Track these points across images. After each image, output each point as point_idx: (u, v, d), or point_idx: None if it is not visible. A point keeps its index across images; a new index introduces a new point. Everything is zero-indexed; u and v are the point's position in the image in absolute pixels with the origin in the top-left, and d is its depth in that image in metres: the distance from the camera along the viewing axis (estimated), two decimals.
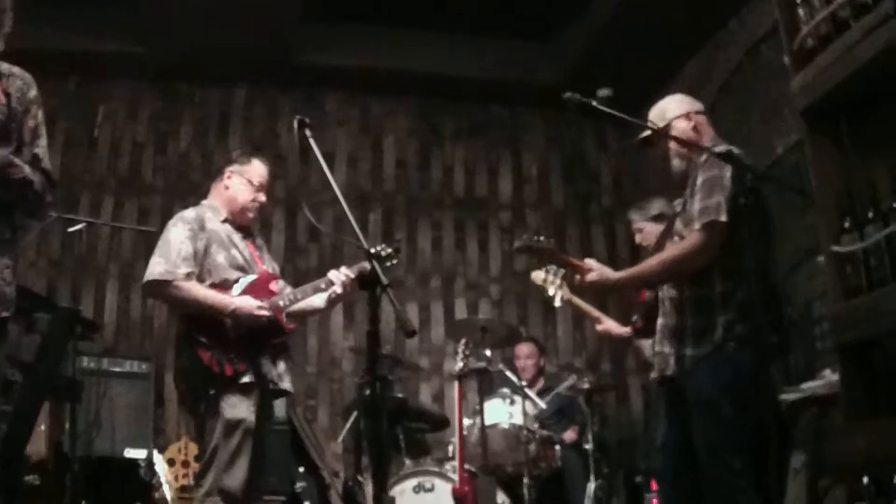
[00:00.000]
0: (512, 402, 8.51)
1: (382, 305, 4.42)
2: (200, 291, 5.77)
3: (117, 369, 9.02)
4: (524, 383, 8.86)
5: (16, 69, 4.40)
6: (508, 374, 8.87)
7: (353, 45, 11.04)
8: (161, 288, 5.80)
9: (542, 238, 5.77)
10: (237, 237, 6.09)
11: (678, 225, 5.35)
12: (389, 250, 6.06)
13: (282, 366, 5.94)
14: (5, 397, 6.62)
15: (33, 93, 4.41)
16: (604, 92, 5.07)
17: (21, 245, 4.48)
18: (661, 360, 5.27)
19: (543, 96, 10.55)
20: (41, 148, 4.38)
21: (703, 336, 4.99)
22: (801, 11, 5.59)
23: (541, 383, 9.67)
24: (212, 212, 6.11)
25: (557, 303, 6.78)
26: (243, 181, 6.15)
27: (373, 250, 5.47)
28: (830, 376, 6.29)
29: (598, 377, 10.65)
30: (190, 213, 6.06)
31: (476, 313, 11.01)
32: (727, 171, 4.96)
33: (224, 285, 5.86)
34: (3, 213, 4.20)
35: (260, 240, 6.47)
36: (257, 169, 6.23)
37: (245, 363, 5.69)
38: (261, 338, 5.81)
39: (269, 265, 6.25)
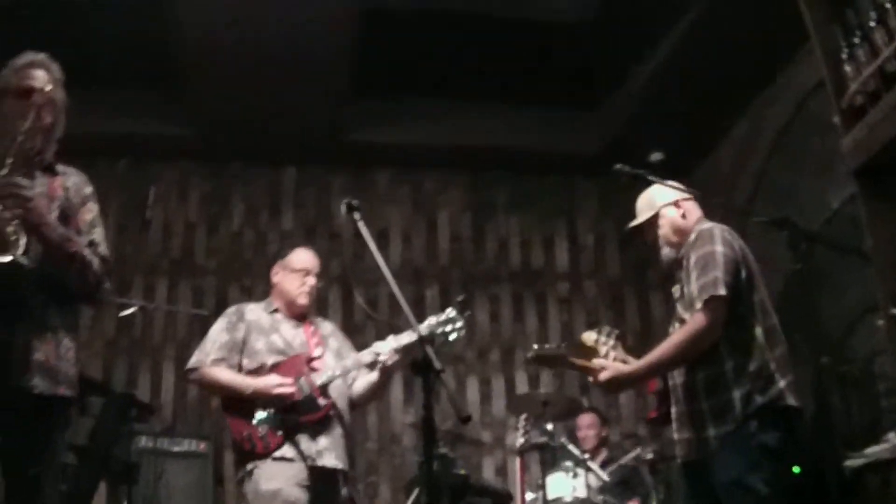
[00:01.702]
0: (575, 476, 8.34)
1: (438, 387, 4.36)
2: (224, 375, 6.01)
3: (175, 449, 9.01)
4: (587, 455, 8.71)
5: (71, 168, 4.51)
6: (571, 447, 8.73)
7: (401, 120, 11.06)
8: (191, 375, 6.20)
9: (551, 345, 5.84)
10: (287, 325, 6.27)
11: (679, 310, 5.31)
12: (451, 314, 5.86)
13: (322, 442, 5.86)
14: (60, 479, 6.54)
15: (89, 189, 4.51)
16: (656, 156, 5.09)
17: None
18: (682, 446, 5.18)
19: (592, 164, 10.65)
20: (98, 235, 4.42)
21: (722, 415, 4.91)
22: (847, 68, 5.48)
23: (603, 454, 9.50)
24: (261, 305, 6.39)
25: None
26: (287, 273, 6.37)
27: (426, 331, 5.54)
28: (895, 439, 6.14)
29: (663, 445, 10.47)
30: (232, 307, 6.41)
31: (537, 386, 10.89)
32: (718, 247, 5.00)
33: (261, 370, 6.00)
34: (66, 296, 4.23)
35: (327, 325, 6.62)
36: (298, 257, 6.45)
37: (279, 439, 5.76)
38: (297, 414, 5.84)
39: (331, 347, 6.31)
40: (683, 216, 5.40)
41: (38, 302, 4.04)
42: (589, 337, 6.51)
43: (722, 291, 4.85)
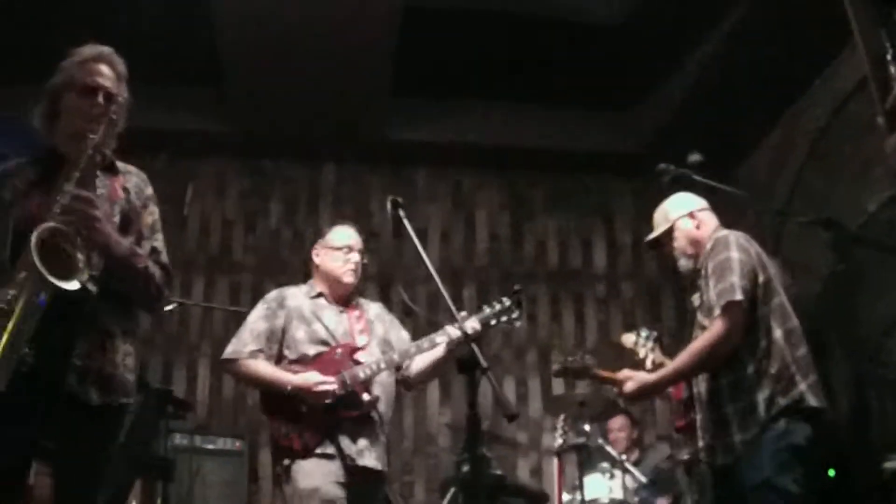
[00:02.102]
0: (612, 477, 8.39)
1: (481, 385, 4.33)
2: (262, 369, 5.82)
3: (210, 447, 9.02)
4: (623, 457, 8.68)
5: (131, 167, 4.48)
6: (608, 448, 8.72)
7: (440, 120, 11.05)
8: (228, 366, 6.06)
9: (576, 358, 5.81)
10: (330, 311, 6.02)
11: (699, 318, 5.33)
12: (507, 303, 5.77)
13: (363, 442, 5.68)
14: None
15: (150, 190, 4.47)
16: (694, 157, 5.08)
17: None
18: (708, 453, 5.22)
19: (630, 164, 10.69)
20: (159, 242, 4.39)
21: (747, 418, 4.93)
22: (892, 69, 5.43)
23: (635, 455, 9.49)
24: (303, 289, 6.12)
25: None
26: (328, 251, 6.13)
27: (484, 321, 5.56)
28: None
29: (699, 448, 10.41)
30: (273, 292, 6.16)
31: (573, 387, 10.81)
32: (734, 253, 5.06)
33: (302, 360, 5.81)
34: (126, 304, 4.21)
35: (374, 307, 6.32)
36: (338, 233, 6.21)
37: (319, 436, 5.60)
38: (337, 411, 5.66)
39: (376, 333, 6.08)
40: (698, 227, 5.51)
41: (97, 310, 3.98)
42: (628, 339, 6.52)
43: (739, 296, 4.91)
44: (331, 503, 5.47)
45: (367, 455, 5.67)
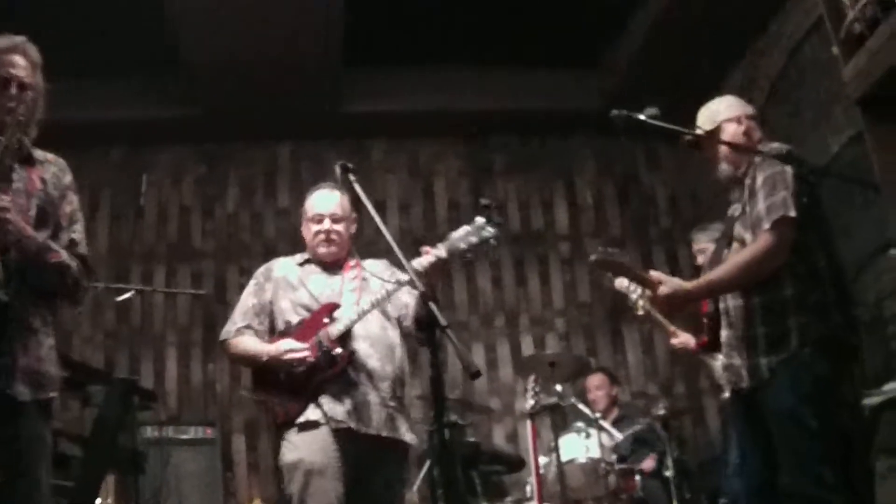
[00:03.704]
0: (587, 436, 8.34)
1: (445, 348, 4.25)
2: (243, 344, 5.61)
3: (182, 437, 8.94)
4: (598, 415, 8.65)
5: (50, 156, 4.39)
6: (581, 407, 8.69)
7: (394, 89, 10.99)
8: (222, 347, 5.83)
9: (616, 251, 5.56)
10: (319, 276, 5.72)
11: (738, 230, 5.16)
12: (477, 222, 5.03)
13: (348, 402, 5.28)
14: (65, 472, 6.51)
15: (68, 178, 4.39)
16: (650, 111, 4.94)
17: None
18: (732, 373, 5.08)
19: (590, 123, 10.46)
20: (78, 233, 4.33)
21: (778, 342, 4.80)
22: None
23: (615, 413, 9.45)
24: (296, 258, 5.87)
25: (640, 311, 6.61)
26: (305, 222, 5.84)
27: (459, 244, 4.98)
28: None
29: (673, 401, 10.41)
30: (262, 267, 5.93)
31: (543, 348, 10.81)
32: (789, 167, 4.84)
33: (287, 330, 5.55)
34: (45, 298, 4.16)
35: (377, 264, 5.70)
36: (310, 201, 5.85)
37: (301, 404, 5.31)
38: (315, 375, 5.33)
39: (372, 290, 5.48)
40: (746, 134, 5.27)
41: (19, 306, 3.96)
42: (621, 283, 6.42)
43: (792, 213, 4.74)
44: (318, 473, 5.14)
45: (355, 417, 5.28)
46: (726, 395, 5.29)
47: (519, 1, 9.71)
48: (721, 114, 5.37)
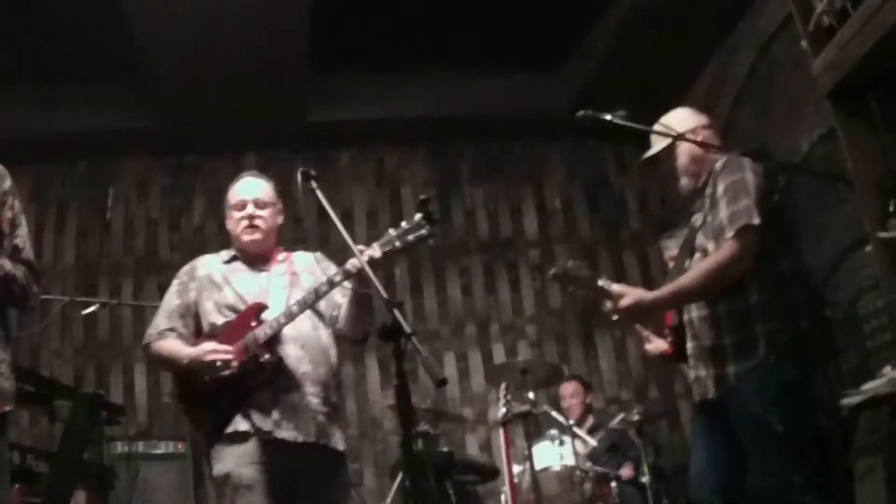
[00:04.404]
0: (561, 443, 8.29)
1: (413, 357, 4.18)
2: (166, 347, 5.31)
3: (153, 451, 8.86)
4: (572, 422, 8.61)
5: None
6: (554, 414, 8.66)
7: (359, 98, 10.93)
8: (144, 352, 5.59)
9: (577, 264, 5.50)
10: (245, 273, 5.50)
11: (700, 240, 5.15)
12: (415, 219, 4.89)
13: (276, 412, 5.04)
14: (33, 489, 6.51)
15: (8, 183, 4.30)
16: (618, 112, 4.93)
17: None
18: (699, 385, 5.07)
19: (557, 127, 10.44)
20: (21, 238, 4.28)
21: (746, 350, 4.80)
22: None
23: (590, 421, 9.43)
24: (221, 255, 5.62)
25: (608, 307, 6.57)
26: (228, 212, 5.61)
27: (396, 243, 4.86)
28: (892, 373, 6.02)
29: (647, 406, 10.38)
30: (186, 266, 5.66)
31: (515, 356, 10.77)
32: (749, 174, 4.85)
33: (212, 332, 5.27)
34: None
35: (306, 257, 5.67)
36: (233, 190, 5.67)
37: (228, 414, 5.05)
38: (242, 382, 5.08)
39: (303, 286, 5.34)
40: (701, 144, 5.23)
41: None
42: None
43: (756, 220, 4.72)
44: (247, 488, 4.90)
45: (285, 426, 5.05)
46: (695, 399, 5.24)
47: (483, 5, 9.66)
48: (677, 126, 5.34)
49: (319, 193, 4.82)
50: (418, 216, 4.90)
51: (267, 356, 5.07)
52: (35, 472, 6.68)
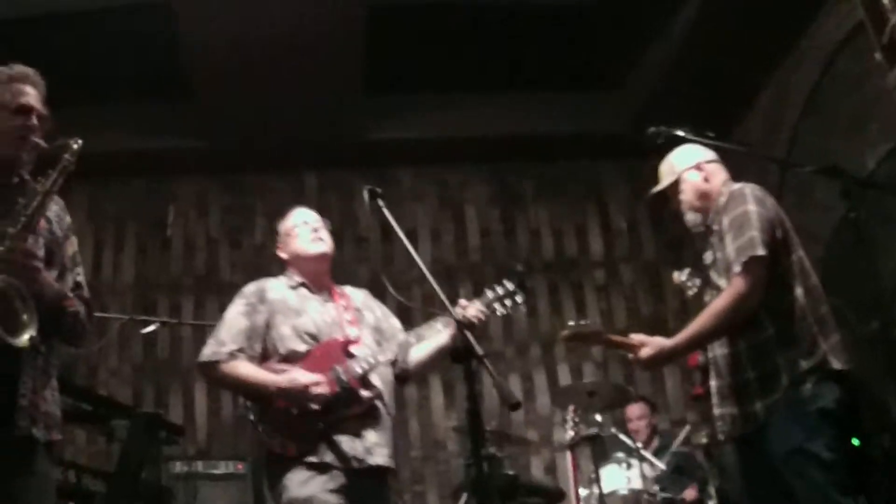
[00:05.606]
0: (629, 467, 8.15)
1: (482, 379, 4.07)
2: (244, 370, 5.21)
3: (212, 472, 8.74)
4: (639, 445, 8.45)
5: None
6: (622, 437, 8.51)
7: (420, 116, 10.93)
8: (207, 370, 5.40)
9: (587, 322, 5.54)
10: (315, 301, 5.47)
11: (713, 277, 5.10)
12: (509, 286, 5.27)
13: (371, 437, 5.09)
14: None
15: (68, 219, 4.27)
16: (686, 129, 4.89)
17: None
18: (726, 421, 4.97)
19: (619, 145, 10.53)
20: (81, 276, 4.25)
21: (769, 383, 4.70)
22: (885, 1, 5.21)
23: (656, 443, 9.26)
24: (283, 280, 5.57)
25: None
26: (286, 237, 5.62)
27: (477, 313, 5.03)
28: None
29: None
30: (251, 286, 5.56)
31: (580, 378, 10.68)
32: (752, 206, 4.81)
33: (291, 358, 5.23)
34: (48, 340, 4.03)
35: (359, 294, 5.73)
36: (289, 217, 5.69)
37: (313, 442, 5.04)
38: (334, 412, 5.09)
39: (367, 322, 5.50)
40: (706, 179, 5.21)
41: (35, 349, 3.86)
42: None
43: (761, 251, 4.66)
44: None
45: (378, 451, 5.13)
46: (720, 438, 5.22)
47: (543, 24, 9.68)
48: (679, 164, 5.36)
49: (387, 212, 4.75)
50: (510, 283, 5.25)
51: (366, 393, 5.15)
52: (91, 492, 6.64)
